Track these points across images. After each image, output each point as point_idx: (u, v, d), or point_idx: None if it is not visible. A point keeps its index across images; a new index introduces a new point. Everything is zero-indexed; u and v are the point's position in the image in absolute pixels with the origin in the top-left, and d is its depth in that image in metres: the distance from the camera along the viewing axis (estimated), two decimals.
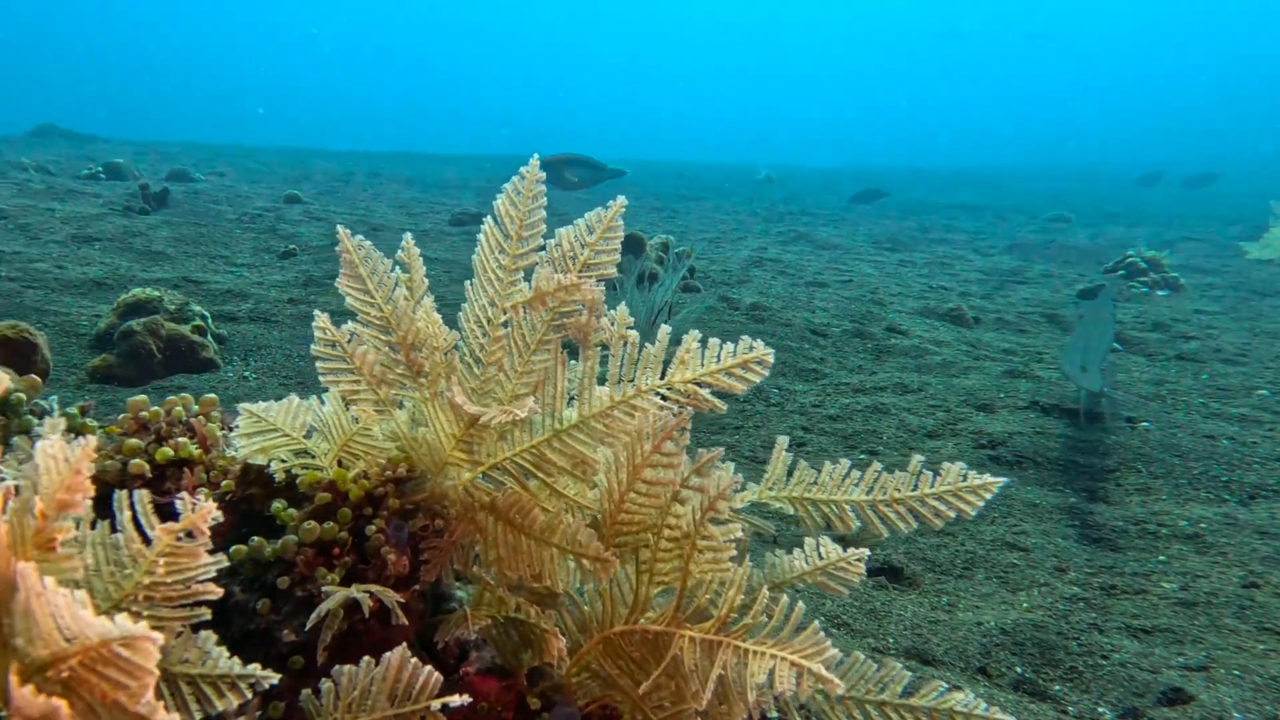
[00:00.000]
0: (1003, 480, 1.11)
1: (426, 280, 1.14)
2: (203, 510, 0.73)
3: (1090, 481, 3.07)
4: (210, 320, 3.42)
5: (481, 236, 1.07)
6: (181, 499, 0.73)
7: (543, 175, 1.08)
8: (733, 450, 3.29)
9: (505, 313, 1.05)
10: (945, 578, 2.43)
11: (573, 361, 1.08)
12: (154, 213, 6.61)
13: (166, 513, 0.80)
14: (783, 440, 1.24)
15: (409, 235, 1.18)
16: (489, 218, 1.08)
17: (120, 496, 0.73)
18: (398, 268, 1.13)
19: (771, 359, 1.07)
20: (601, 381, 1.08)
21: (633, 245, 6.64)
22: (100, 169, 8.89)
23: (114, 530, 0.75)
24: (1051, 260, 9.92)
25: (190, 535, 0.74)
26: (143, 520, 0.74)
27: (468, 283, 1.08)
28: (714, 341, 1.05)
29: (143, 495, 0.74)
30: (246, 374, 3.23)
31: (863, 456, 3.26)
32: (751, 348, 1.05)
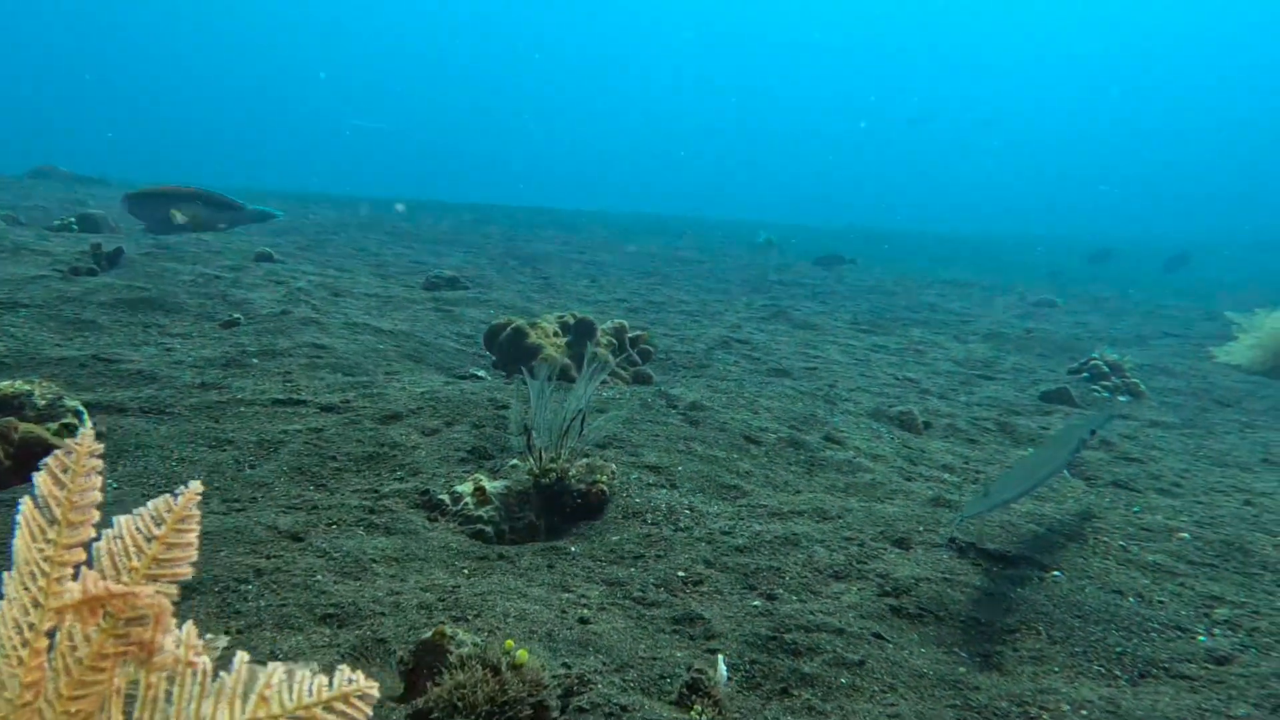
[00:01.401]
0: None
1: None
2: None
3: (987, 644, 2.87)
4: (85, 417, 3.29)
5: (20, 519, 0.94)
6: None
7: (98, 447, 0.95)
8: (621, 588, 3.11)
9: (52, 616, 0.91)
10: None
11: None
12: (103, 274, 6.57)
13: None
14: None
15: None
16: (27, 498, 0.94)
17: None
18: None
19: (376, 693, 0.92)
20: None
21: (584, 331, 6.54)
22: (74, 220, 8.90)
23: None
24: (1026, 352, 9.79)
25: None
26: None
27: (6, 574, 0.94)
28: (303, 674, 0.90)
29: None
30: (108, 482, 3.08)
31: (756, 603, 3.07)
32: (351, 680, 0.90)
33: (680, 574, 3.24)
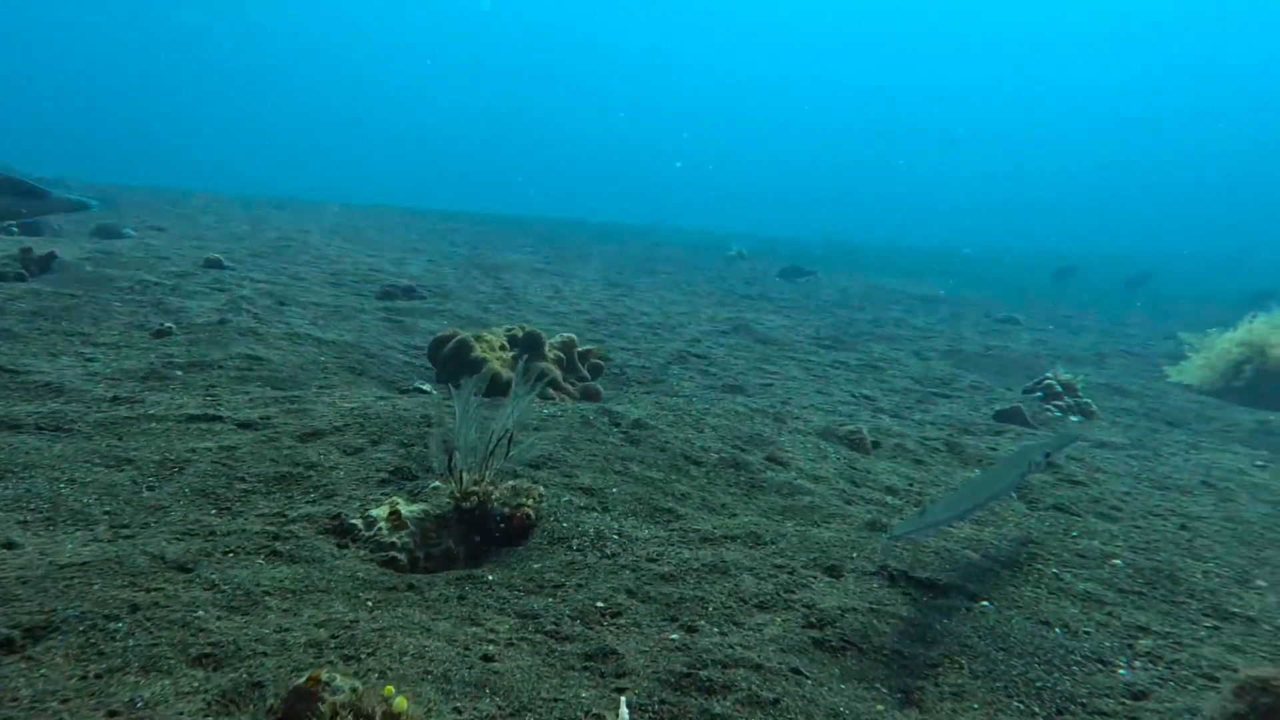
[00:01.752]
0: None
1: None
2: None
3: (909, 679, 2.78)
4: None
5: None
6: None
7: None
8: (535, 620, 2.97)
9: None
10: None
11: None
12: (32, 279, 6.32)
13: None
14: None
15: None
16: None
17: None
18: None
19: None
20: None
21: (533, 345, 6.40)
22: (14, 224, 8.61)
23: None
24: (985, 370, 9.81)
25: None
26: None
27: None
28: None
29: None
30: None
31: (675, 636, 2.95)
32: None
33: (599, 604, 3.11)
